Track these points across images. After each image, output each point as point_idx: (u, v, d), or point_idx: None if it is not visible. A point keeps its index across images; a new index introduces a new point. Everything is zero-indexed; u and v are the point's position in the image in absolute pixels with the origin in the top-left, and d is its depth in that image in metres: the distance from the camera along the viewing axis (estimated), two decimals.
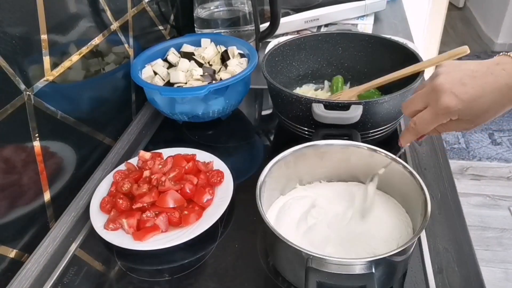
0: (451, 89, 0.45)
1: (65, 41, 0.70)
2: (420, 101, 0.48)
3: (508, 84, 0.44)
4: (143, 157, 0.74)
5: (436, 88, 0.46)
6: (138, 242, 0.60)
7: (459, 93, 0.45)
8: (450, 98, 0.45)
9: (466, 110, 0.45)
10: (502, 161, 2.17)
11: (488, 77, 0.45)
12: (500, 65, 0.46)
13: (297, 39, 0.88)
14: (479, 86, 0.45)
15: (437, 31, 2.24)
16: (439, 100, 0.46)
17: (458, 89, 0.45)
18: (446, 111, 0.46)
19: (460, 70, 0.47)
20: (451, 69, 0.47)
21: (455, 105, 0.45)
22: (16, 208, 0.60)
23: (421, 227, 0.49)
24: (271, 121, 0.92)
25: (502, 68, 0.45)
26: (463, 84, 0.45)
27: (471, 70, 0.47)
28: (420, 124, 0.48)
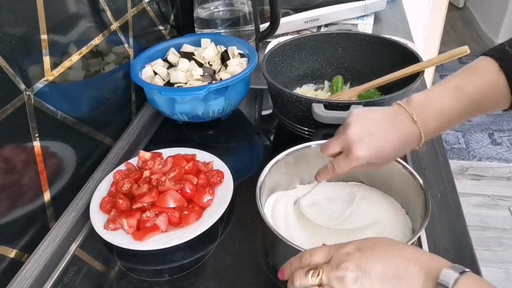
0: (360, 140, 0.51)
1: (65, 41, 0.70)
2: (337, 146, 0.54)
3: (406, 134, 0.51)
4: (143, 157, 0.74)
5: (348, 138, 0.52)
6: (138, 242, 0.60)
7: (367, 143, 0.51)
8: (361, 149, 0.51)
9: (374, 157, 0.51)
10: (502, 161, 2.17)
11: (391, 128, 0.52)
12: (398, 115, 0.52)
13: (297, 39, 0.88)
14: (384, 137, 0.51)
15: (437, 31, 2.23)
16: (351, 149, 0.51)
17: (367, 139, 0.51)
18: (358, 159, 0.52)
19: (368, 119, 0.53)
20: (361, 118, 0.53)
21: (365, 155, 0.51)
22: (16, 208, 0.60)
23: (421, 227, 0.49)
24: (271, 121, 0.92)
25: (400, 119, 0.52)
26: (370, 134, 0.51)
27: (377, 119, 0.53)
28: (337, 167, 0.54)
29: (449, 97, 0.51)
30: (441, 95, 0.52)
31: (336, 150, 0.54)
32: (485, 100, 0.51)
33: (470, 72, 0.52)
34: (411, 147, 0.53)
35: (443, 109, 0.51)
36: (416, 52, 0.79)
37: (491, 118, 2.47)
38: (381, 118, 0.53)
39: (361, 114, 0.54)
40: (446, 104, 0.51)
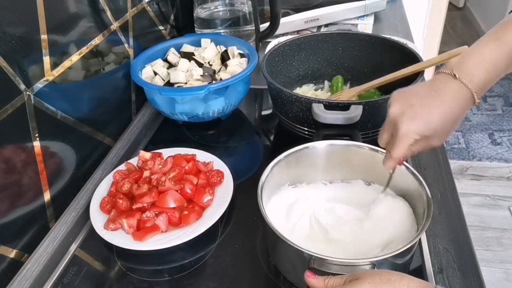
0: (403, 114, 0.50)
1: (65, 41, 0.70)
2: (386, 132, 0.54)
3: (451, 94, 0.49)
4: (143, 157, 0.74)
5: (391, 118, 0.51)
6: (138, 242, 0.60)
7: (410, 115, 0.50)
8: (405, 122, 0.50)
9: (423, 128, 0.50)
10: (502, 161, 2.17)
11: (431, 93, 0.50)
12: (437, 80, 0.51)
13: (297, 39, 0.88)
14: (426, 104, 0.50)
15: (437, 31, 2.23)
16: (397, 127, 0.50)
17: (409, 112, 0.50)
18: (407, 134, 0.50)
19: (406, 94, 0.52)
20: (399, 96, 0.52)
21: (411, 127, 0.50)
22: (16, 208, 0.60)
23: (423, 228, 0.49)
24: (271, 121, 0.92)
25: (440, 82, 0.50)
26: (411, 105, 0.50)
27: (416, 91, 0.52)
28: (393, 151, 0.52)
29: (489, 48, 0.50)
30: (481, 48, 0.50)
31: (387, 137, 0.53)
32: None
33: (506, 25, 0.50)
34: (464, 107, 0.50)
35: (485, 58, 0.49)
36: (416, 52, 0.79)
37: (491, 118, 2.47)
38: (419, 89, 0.51)
39: (399, 92, 0.53)
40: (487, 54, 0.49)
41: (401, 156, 0.52)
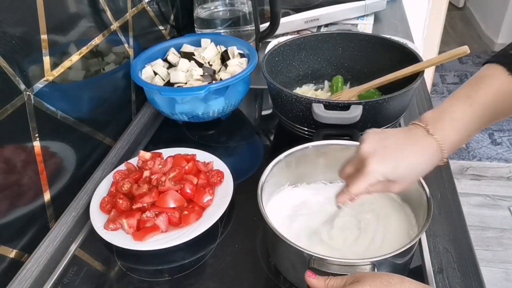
0: (374, 152, 0.50)
1: (65, 41, 0.70)
2: (350, 166, 0.54)
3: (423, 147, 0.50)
4: (143, 157, 0.74)
5: (361, 153, 0.51)
6: (138, 242, 0.60)
7: (381, 155, 0.50)
8: (374, 161, 0.49)
9: (390, 170, 0.50)
10: (502, 161, 2.17)
11: (406, 141, 0.51)
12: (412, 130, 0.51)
13: (297, 39, 0.88)
14: (399, 149, 0.50)
15: (437, 31, 2.23)
16: (365, 163, 0.50)
17: (380, 152, 0.50)
18: (373, 173, 0.50)
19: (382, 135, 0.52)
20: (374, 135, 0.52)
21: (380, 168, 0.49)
22: (16, 208, 0.60)
23: (423, 228, 0.49)
24: (271, 121, 0.92)
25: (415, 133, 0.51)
26: (384, 147, 0.50)
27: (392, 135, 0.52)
28: (352, 186, 0.52)
29: (461, 107, 0.50)
30: (453, 106, 0.51)
31: (350, 170, 0.53)
32: (499, 105, 0.50)
33: (478, 81, 0.51)
34: (432, 163, 0.51)
35: (457, 119, 0.50)
36: (416, 52, 0.79)
37: None
38: (395, 134, 0.52)
39: (374, 132, 0.53)
40: (459, 113, 0.50)
41: (358, 193, 0.52)
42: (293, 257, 0.52)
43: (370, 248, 0.55)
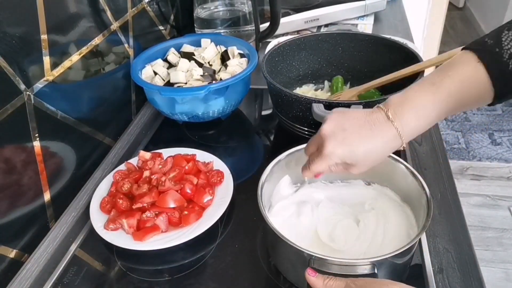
0: (333, 135, 0.51)
1: (65, 41, 0.70)
2: (313, 145, 0.54)
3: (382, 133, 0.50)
4: (143, 157, 0.74)
5: (321, 134, 0.51)
6: (138, 242, 0.60)
7: (339, 139, 0.50)
8: (331, 144, 0.50)
9: (347, 154, 0.50)
10: (502, 161, 2.17)
11: (366, 125, 0.50)
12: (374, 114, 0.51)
13: (297, 39, 0.88)
14: (357, 133, 0.50)
15: (437, 31, 2.23)
16: (323, 145, 0.51)
17: (339, 135, 0.50)
18: (329, 155, 0.51)
19: (344, 116, 0.52)
20: (337, 116, 0.52)
21: (336, 151, 0.50)
22: (16, 208, 0.60)
23: (423, 228, 0.49)
24: (271, 121, 0.92)
25: (376, 117, 0.51)
26: (343, 129, 0.51)
27: (353, 117, 0.52)
28: (313, 165, 0.53)
29: (425, 93, 0.49)
30: (417, 91, 0.50)
31: (313, 149, 0.54)
32: (465, 94, 0.49)
33: (448, 67, 0.50)
34: (390, 148, 0.51)
35: (419, 106, 0.49)
36: (416, 52, 0.79)
37: (491, 118, 2.47)
38: (357, 116, 0.52)
39: (338, 113, 0.53)
40: (422, 101, 0.49)
41: (318, 172, 0.54)
42: (293, 257, 0.52)
43: (370, 248, 0.55)
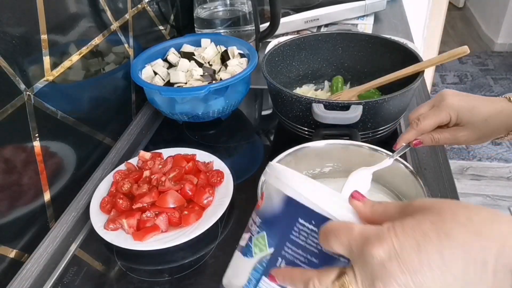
0: (456, 94, 0.53)
1: (65, 41, 0.70)
2: (427, 105, 0.55)
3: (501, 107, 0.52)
4: (143, 157, 0.74)
5: (442, 93, 0.54)
6: (138, 242, 0.60)
7: (461, 96, 0.52)
8: (455, 98, 0.52)
9: (465, 111, 0.51)
10: (502, 161, 2.17)
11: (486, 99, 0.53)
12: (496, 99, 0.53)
13: (297, 39, 0.88)
14: (480, 100, 0.52)
15: (437, 31, 2.23)
16: (444, 97, 0.53)
17: (461, 94, 0.53)
18: (447, 106, 0.52)
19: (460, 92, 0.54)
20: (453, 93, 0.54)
21: (456, 103, 0.52)
22: (16, 208, 0.60)
23: None
24: (271, 121, 0.92)
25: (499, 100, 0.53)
26: (467, 95, 0.53)
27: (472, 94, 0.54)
28: (423, 120, 0.53)
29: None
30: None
31: (425, 109, 0.55)
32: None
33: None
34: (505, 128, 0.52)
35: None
36: (416, 52, 0.79)
37: None
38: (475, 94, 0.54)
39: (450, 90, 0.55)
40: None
41: (427, 130, 0.54)
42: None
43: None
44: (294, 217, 0.33)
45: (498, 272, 0.25)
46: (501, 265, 0.25)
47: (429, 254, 0.26)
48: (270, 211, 0.35)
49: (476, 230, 0.27)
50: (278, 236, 0.34)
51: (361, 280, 0.28)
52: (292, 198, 0.33)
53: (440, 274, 0.26)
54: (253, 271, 0.35)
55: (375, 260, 0.27)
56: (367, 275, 0.28)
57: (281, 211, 0.34)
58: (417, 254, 0.26)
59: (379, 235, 0.28)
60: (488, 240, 0.26)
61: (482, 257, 0.26)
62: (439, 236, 0.26)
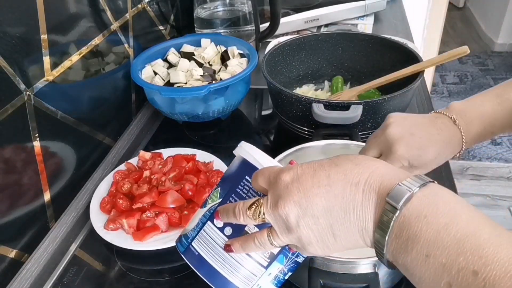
0: (401, 139, 0.50)
1: (65, 41, 0.70)
2: (376, 149, 0.54)
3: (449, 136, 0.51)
4: (143, 157, 0.74)
5: (388, 138, 0.51)
6: (138, 242, 0.60)
7: (408, 142, 0.50)
8: (401, 147, 0.50)
9: (416, 157, 0.50)
10: (502, 161, 2.17)
11: (432, 129, 0.51)
12: (439, 119, 0.52)
13: (297, 39, 0.88)
14: (425, 138, 0.51)
15: (437, 31, 2.23)
16: (391, 148, 0.51)
17: (408, 139, 0.50)
18: (398, 159, 0.51)
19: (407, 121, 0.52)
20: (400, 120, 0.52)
21: (406, 153, 0.50)
22: (16, 208, 0.60)
23: None
24: (271, 121, 0.92)
25: (441, 122, 0.51)
26: (411, 134, 0.51)
27: (417, 122, 0.52)
28: None
29: (491, 103, 0.51)
30: (483, 101, 0.51)
31: (375, 153, 0.54)
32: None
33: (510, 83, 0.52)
34: (452, 153, 0.52)
35: (485, 113, 0.51)
36: (416, 52, 0.79)
37: None
38: (421, 121, 0.52)
39: (399, 116, 0.53)
40: (488, 109, 0.51)
41: None
42: None
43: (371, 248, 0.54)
44: (243, 174, 0.41)
45: (366, 191, 0.33)
46: (368, 185, 0.33)
47: (320, 177, 0.35)
48: (228, 173, 0.44)
49: (357, 162, 0.35)
50: (227, 189, 0.42)
51: (269, 202, 0.36)
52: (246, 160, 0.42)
53: (325, 192, 0.34)
54: (202, 217, 0.42)
55: (283, 183, 0.35)
56: (275, 196, 0.36)
57: (236, 170, 0.43)
58: (311, 177, 0.35)
59: (290, 167, 0.37)
60: (363, 168, 0.34)
61: (357, 180, 0.33)
62: (330, 165, 0.35)
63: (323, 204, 0.34)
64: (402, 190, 0.31)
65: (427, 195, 0.31)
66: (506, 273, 0.26)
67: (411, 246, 0.30)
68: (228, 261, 0.39)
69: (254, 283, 0.40)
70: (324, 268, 0.46)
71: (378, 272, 0.46)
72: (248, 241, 0.38)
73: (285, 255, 0.39)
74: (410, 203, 0.31)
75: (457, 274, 0.27)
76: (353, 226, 0.34)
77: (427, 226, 0.29)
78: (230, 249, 0.39)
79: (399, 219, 0.31)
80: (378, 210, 0.32)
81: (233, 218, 0.38)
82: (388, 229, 0.31)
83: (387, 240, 0.31)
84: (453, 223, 0.29)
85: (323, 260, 0.46)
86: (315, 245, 0.35)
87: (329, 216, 0.34)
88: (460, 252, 0.28)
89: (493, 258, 0.26)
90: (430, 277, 0.29)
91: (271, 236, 0.37)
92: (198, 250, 0.41)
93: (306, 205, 0.34)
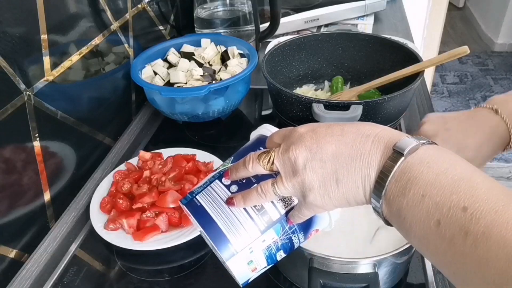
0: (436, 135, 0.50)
1: (65, 41, 0.70)
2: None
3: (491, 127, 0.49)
4: (143, 157, 0.74)
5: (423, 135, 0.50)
6: (138, 242, 0.60)
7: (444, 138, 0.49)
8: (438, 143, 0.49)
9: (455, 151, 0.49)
10: (502, 161, 2.17)
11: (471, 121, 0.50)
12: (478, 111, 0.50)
13: (297, 39, 0.88)
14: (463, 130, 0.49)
15: (437, 31, 2.23)
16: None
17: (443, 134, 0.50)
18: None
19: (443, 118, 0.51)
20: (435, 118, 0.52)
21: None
22: (16, 208, 0.60)
23: None
24: (271, 121, 0.92)
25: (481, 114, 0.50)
26: (447, 129, 0.50)
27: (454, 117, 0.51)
28: None
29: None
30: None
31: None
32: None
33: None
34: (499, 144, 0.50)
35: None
36: (416, 52, 0.79)
37: None
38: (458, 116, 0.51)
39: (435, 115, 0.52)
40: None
41: None
42: (294, 256, 0.51)
43: (371, 247, 0.55)
44: (258, 145, 0.44)
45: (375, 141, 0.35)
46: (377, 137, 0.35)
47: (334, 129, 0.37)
48: (244, 148, 0.46)
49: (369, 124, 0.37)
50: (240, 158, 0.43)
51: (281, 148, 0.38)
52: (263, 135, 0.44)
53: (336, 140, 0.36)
54: (211, 177, 0.44)
55: (297, 134, 0.37)
56: (288, 144, 0.37)
57: (251, 144, 0.45)
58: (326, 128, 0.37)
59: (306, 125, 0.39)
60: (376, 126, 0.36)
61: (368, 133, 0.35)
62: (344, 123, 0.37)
63: (332, 149, 0.35)
64: (409, 141, 0.33)
65: (433, 148, 0.33)
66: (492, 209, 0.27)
67: (409, 188, 0.31)
68: (228, 216, 0.40)
69: (247, 244, 0.40)
70: (324, 268, 0.46)
71: (378, 272, 0.46)
72: (251, 191, 0.39)
73: (282, 226, 0.41)
74: (415, 153, 0.32)
75: (448, 211, 0.29)
76: (357, 173, 0.35)
77: (428, 169, 0.31)
78: (232, 201, 0.40)
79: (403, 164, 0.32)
80: (383, 157, 0.34)
81: (242, 168, 0.40)
82: (390, 174, 0.32)
83: (387, 185, 0.33)
84: (453, 168, 0.31)
85: (323, 260, 0.46)
86: (317, 191, 0.36)
87: (336, 162, 0.35)
88: (454, 191, 0.29)
89: (483, 197, 0.28)
90: (422, 217, 0.30)
91: (275, 185, 0.38)
92: (201, 202, 0.42)
93: (316, 150, 0.36)
